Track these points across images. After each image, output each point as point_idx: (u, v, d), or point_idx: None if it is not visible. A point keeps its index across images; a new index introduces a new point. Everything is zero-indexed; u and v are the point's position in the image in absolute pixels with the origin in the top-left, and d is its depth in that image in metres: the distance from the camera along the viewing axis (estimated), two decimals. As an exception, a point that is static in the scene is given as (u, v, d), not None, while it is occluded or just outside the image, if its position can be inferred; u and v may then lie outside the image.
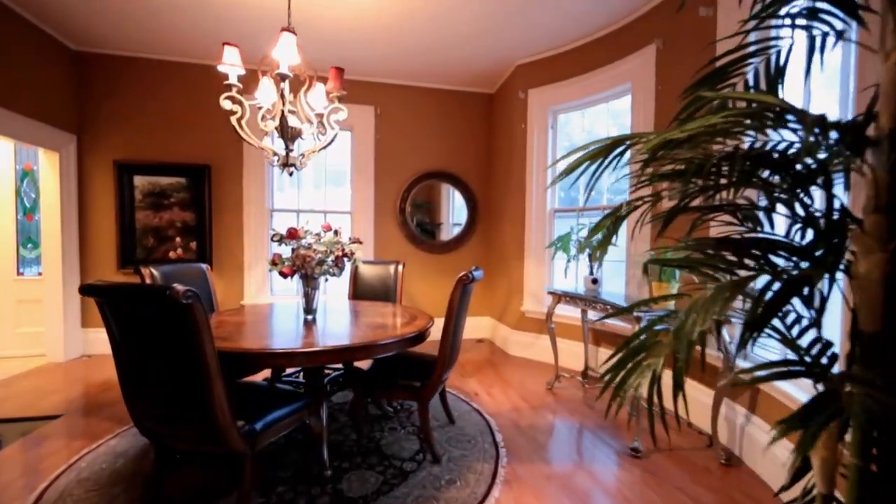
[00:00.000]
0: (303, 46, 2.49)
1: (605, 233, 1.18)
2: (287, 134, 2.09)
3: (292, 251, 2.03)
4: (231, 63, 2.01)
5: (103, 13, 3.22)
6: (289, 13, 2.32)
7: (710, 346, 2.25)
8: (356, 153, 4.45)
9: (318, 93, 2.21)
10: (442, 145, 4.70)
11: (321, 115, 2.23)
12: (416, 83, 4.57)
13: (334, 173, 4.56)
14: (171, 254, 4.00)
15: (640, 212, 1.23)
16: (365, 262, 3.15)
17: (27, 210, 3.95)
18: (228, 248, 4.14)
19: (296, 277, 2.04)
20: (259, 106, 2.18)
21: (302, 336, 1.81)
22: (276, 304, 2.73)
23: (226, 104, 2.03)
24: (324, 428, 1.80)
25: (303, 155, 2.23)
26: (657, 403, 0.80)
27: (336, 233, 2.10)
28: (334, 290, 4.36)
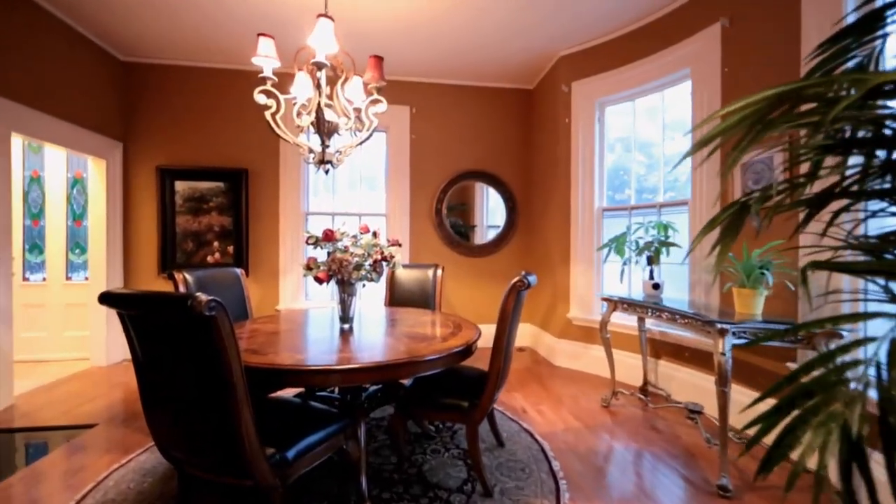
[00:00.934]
0: (339, 38, 2.36)
1: (725, 229, 0.90)
2: (323, 128, 1.94)
3: (328, 255, 1.86)
4: (266, 54, 1.89)
5: (151, 24, 3.29)
6: (325, 3, 2.18)
7: None
8: (391, 154, 4.31)
9: (356, 85, 2.05)
10: (479, 144, 4.48)
11: (359, 110, 2.07)
12: (452, 81, 4.39)
13: (368, 177, 4.46)
14: (209, 258, 3.99)
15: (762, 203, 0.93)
16: (403, 266, 2.96)
17: (76, 216, 4.07)
18: (264, 252, 4.10)
19: (331, 283, 1.87)
20: (294, 101, 2.05)
21: (338, 349, 1.63)
22: (311, 311, 2.59)
23: (260, 98, 1.91)
24: (362, 452, 1.60)
25: (339, 152, 2.07)
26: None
27: (375, 234, 1.92)
28: (369, 295, 4.22)
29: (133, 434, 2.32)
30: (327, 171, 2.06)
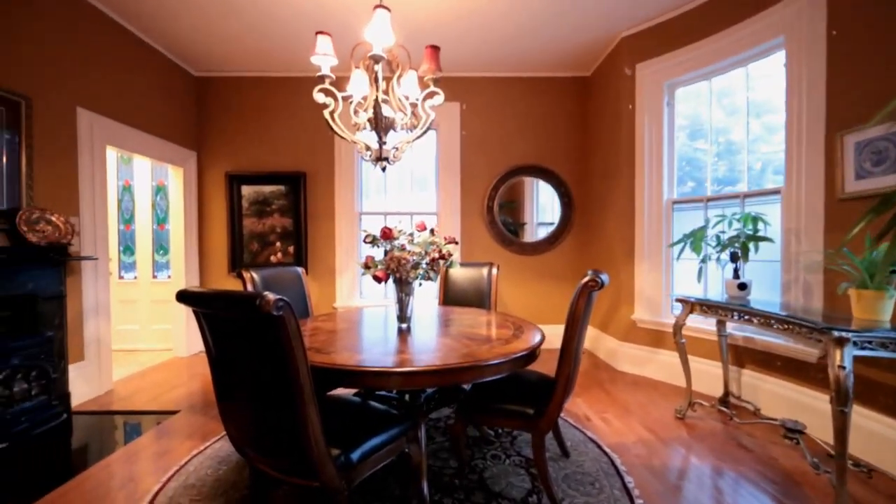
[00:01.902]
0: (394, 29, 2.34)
1: None
2: (381, 124, 1.92)
3: (384, 253, 1.84)
4: (324, 52, 1.90)
5: (220, 41, 3.55)
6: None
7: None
8: (442, 151, 4.27)
9: (412, 79, 2.01)
10: (531, 138, 4.31)
11: (415, 104, 2.03)
12: (502, 73, 4.25)
13: (419, 178, 4.46)
14: (273, 258, 4.21)
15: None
16: (459, 265, 2.90)
17: (160, 220, 4.48)
18: (321, 252, 4.25)
19: (388, 282, 1.85)
20: (351, 100, 2.06)
21: (397, 350, 1.60)
22: (367, 310, 2.60)
23: (319, 97, 1.93)
24: (423, 456, 1.56)
25: (396, 148, 2.05)
26: None
27: (432, 232, 1.87)
28: (422, 294, 4.22)
29: (209, 422, 2.48)
30: (384, 168, 2.04)
